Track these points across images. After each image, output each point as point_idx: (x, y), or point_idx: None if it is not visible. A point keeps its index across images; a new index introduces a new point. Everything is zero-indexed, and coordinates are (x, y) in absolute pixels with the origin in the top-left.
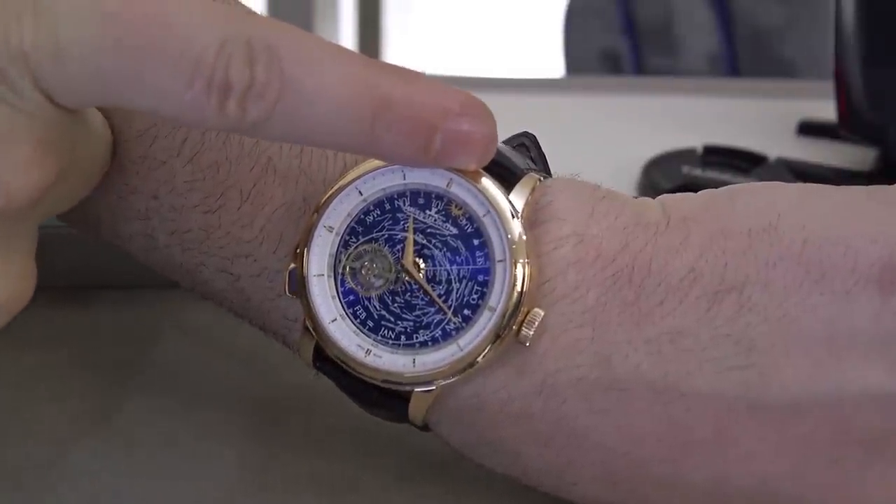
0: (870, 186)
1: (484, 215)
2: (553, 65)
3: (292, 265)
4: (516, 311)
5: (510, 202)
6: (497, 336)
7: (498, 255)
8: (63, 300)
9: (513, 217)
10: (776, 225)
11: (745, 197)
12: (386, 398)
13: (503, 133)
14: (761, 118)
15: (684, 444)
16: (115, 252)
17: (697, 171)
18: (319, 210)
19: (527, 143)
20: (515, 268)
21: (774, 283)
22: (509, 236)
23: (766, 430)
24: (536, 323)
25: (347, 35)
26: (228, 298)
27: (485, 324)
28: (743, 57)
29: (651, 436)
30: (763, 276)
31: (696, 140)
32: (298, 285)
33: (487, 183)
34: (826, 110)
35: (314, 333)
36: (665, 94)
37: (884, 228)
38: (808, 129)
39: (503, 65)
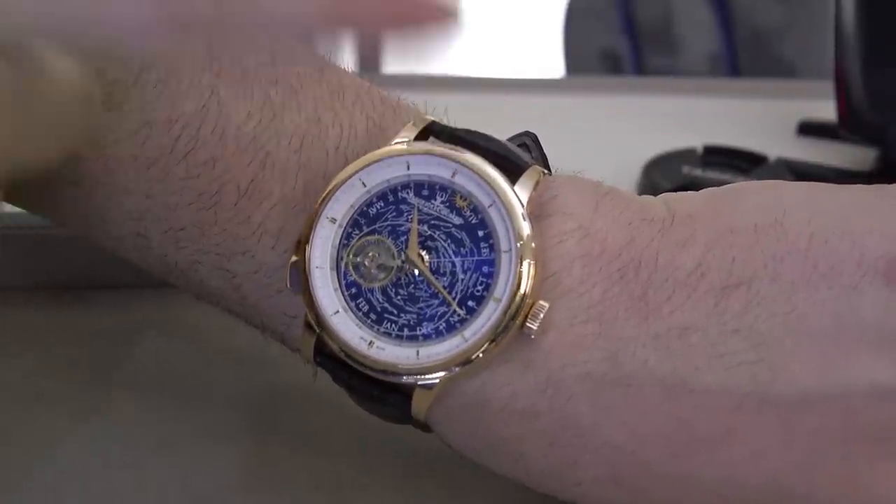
0: (874, 185)
1: (489, 206)
2: (553, 65)
3: (294, 258)
4: (521, 303)
5: (515, 193)
6: (502, 327)
7: (503, 245)
8: (62, 300)
9: (519, 208)
10: (782, 220)
11: (750, 194)
12: (388, 394)
13: (503, 133)
14: (761, 118)
15: (692, 442)
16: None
17: (697, 171)
18: (322, 202)
19: (528, 143)
20: (522, 260)
21: (782, 278)
22: (516, 228)
23: (774, 426)
24: (541, 315)
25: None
26: (225, 297)
27: (490, 314)
28: (743, 57)
29: (658, 433)
30: (771, 270)
31: (696, 140)
32: (300, 278)
33: (493, 173)
34: (826, 110)
35: (316, 327)
36: (665, 94)
37: (890, 223)
38: (808, 129)
39: (503, 65)
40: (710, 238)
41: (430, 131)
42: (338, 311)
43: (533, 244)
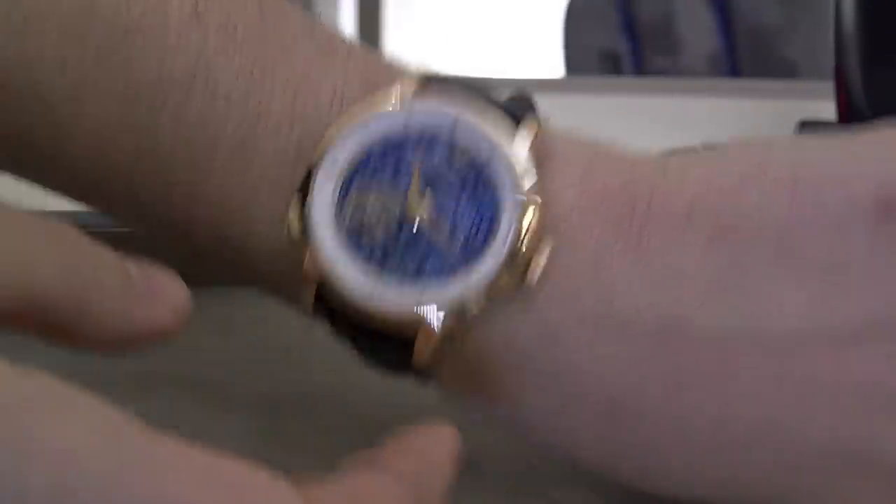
0: (862, 132)
1: (489, 157)
2: (553, 65)
3: (292, 212)
4: (522, 252)
5: (515, 144)
6: (503, 275)
7: (504, 195)
8: None
9: (519, 159)
10: (768, 168)
11: (738, 146)
12: (389, 342)
13: None
14: (761, 118)
15: (687, 384)
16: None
17: None
18: (319, 155)
19: (523, 97)
20: (523, 210)
21: (770, 222)
22: (516, 179)
23: (767, 364)
24: (542, 264)
25: (347, 35)
26: (222, 253)
27: (490, 263)
28: (743, 57)
29: (653, 376)
30: (760, 214)
31: (696, 140)
32: (299, 231)
33: (493, 124)
34: (826, 110)
35: (316, 278)
36: (665, 94)
37: (877, 165)
38: (808, 128)
39: (503, 65)
40: (700, 185)
41: (427, 84)
42: (338, 262)
43: (534, 194)
